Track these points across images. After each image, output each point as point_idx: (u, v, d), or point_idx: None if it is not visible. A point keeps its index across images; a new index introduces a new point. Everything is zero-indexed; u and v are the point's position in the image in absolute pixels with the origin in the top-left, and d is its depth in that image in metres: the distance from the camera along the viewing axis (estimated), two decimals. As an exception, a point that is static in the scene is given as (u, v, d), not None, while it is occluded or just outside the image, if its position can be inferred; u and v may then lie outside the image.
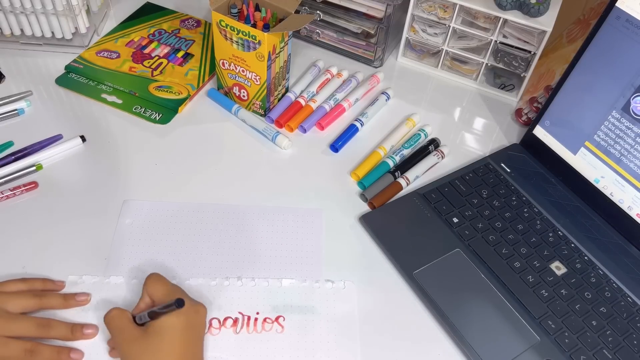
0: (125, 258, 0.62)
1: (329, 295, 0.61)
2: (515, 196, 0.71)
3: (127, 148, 0.73)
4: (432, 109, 0.83)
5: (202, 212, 0.67)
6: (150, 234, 0.64)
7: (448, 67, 0.87)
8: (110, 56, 0.83)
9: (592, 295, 0.62)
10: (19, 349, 0.51)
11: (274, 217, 0.67)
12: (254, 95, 0.76)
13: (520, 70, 0.81)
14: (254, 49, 0.71)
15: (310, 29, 0.88)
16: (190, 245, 0.64)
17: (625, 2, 0.62)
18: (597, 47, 0.66)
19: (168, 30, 0.88)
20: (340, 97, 0.81)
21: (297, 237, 0.65)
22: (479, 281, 0.62)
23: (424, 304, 0.61)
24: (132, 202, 0.67)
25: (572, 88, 0.69)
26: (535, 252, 0.65)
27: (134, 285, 0.60)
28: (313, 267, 0.63)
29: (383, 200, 0.69)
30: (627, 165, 0.66)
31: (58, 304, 0.56)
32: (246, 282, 0.61)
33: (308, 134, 0.78)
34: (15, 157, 0.70)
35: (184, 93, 0.79)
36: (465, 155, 0.77)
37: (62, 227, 0.64)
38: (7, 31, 0.82)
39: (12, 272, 0.60)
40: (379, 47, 0.85)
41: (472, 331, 0.58)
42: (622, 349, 0.58)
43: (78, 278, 0.60)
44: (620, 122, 0.65)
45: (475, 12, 0.78)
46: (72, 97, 0.79)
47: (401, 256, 0.63)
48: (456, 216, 0.68)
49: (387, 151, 0.75)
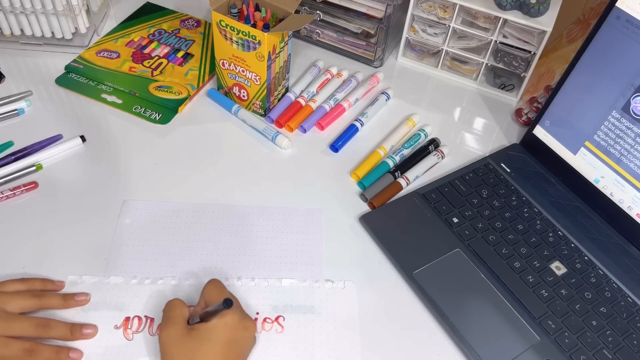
0: (125, 258, 0.62)
1: (328, 295, 0.61)
2: (515, 196, 0.71)
3: (127, 148, 0.73)
4: (432, 109, 0.83)
5: (202, 212, 0.67)
6: (150, 233, 0.64)
7: (448, 67, 0.87)
8: (110, 56, 0.83)
9: (592, 295, 0.62)
10: (18, 349, 0.51)
11: (274, 217, 0.67)
12: (254, 95, 0.76)
13: (520, 70, 0.81)
14: (254, 49, 0.71)
15: (310, 29, 0.88)
16: (190, 245, 0.64)
17: (625, 2, 0.62)
18: (597, 47, 0.66)
19: (168, 30, 0.88)
20: (340, 97, 0.81)
21: (297, 237, 0.65)
22: (479, 281, 0.62)
23: (424, 304, 0.61)
24: (132, 202, 0.67)
25: (572, 88, 0.69)
26: (535, 252, 0.65)
27: (133, 285, 0.60)
28: (313, 267, 0.63)
29: (383, 200, 0.69)
30: (627, 165, 0.66)
31: (57, 304, 0.56)
32: (246, 282, 0.61)
33: (308, 134, 0.78)
34: (15, 157, 0.70)
35: (184, 93, 0.79)
36: (465, 155, 0.77)
37: (62, 227, 0.64)
38: (7, 31, 0.82)
39: (12, 272, 0.60)
40: (379, 47, 0.85)
41: (472, 331, 0.58)
42: (622, 349, 0.58)
43: (78, 278, 0.60)
44: (620, 122, 0.65)
45: (475, 12, 0.78)
46: (72, 97, 0.79)
47: (401, 256, 0.63)
48: (456, 216, 0.68)
49: (387, 151, 0.75)
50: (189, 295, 0.59)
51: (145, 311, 0.58)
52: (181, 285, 0.60)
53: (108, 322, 0.57)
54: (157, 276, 0.60)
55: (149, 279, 0.60)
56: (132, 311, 0.58)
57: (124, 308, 0.58)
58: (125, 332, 0.56)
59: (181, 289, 0.60)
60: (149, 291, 0.59)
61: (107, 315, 0.57)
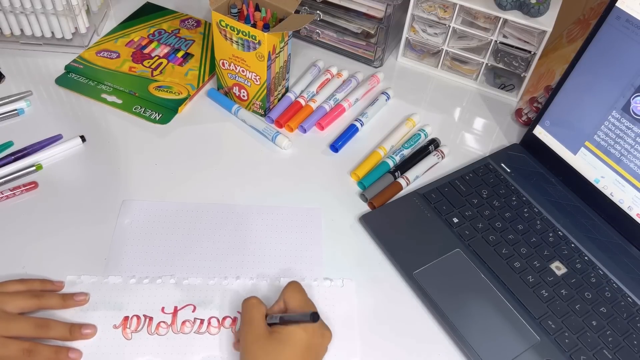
0: (124, 258, 0.62)
1: (327, 293, 0.61)
2: (515, 196, 0.71)
3: (127, 148, 0.73)
4: (432, 109, 0.83)
5: (202, 212, 0.67)
6: (149, 233, 0.64)
7: (448, 67, 0.87)
8: (110, 56, 0.83)
9: (592, 295, 0.62)
10: (17, 349, 0.51)
11: (274, 217, 0.67)
12: (254, 95, 0.76)
13: (520, 70, 0.81)
14: (254, 49, 0.71)
15: (310, 29, 0.88)
16: (189, 244, 0.64)
17: (625, 2, 0.62)
18: (597, 47, 0.66)
19: (168, 30, 0.88)
20: (340, 97, 0.81)
21: (296, 236, 0.65)
22: (479, 281, 0.62)
23: (424, 304, 0.61)
24: (132, 202, 0.67)
25: (572, 88, 0.69)
26: (535, 252, 0.65)
27: (132, 284, 0.60)
28: (312, 266, 0.63)
29: (383, 200, 0.69)
30: (627, 165, 0.66)
31: (57, 304, 0.56)
32: (245, 281, 0.61)
33: (308, 134, 0.78)
34: (15, 157, 0.70)
35: (184, 93, 0.79)
36: (465, 155, 0.77)
37: (61, 227, 0.64)
38: (7, 31, 0.82)
39: (12, 272, 0.60)
40: (379, 47, 0.85)
41: (472, 331, 0.58)
42: (622, 349, 0.58)
43: (77, 278, 0.60)
44: (620, 122, 0.65)
45: (475, 12, 0.78)
46: (72, 97, 0.79)
47: (401, 256, 0.63)
48: (456, 216, 0.68)
49: (387, 151, 0.75)
50: (188, 293, 0.59)
51: (143, 310, 0.58)
52: (179, 285, 0.60)
53: (107, 322, 0.57)
54: (155, 275, 0.60)
55: (147, 278, 0.60)
56: (131, 310, 0.58)
57: (122, 307, 0.58)
58: (124, 331, 0.56)
59: (180, 287, 0.60)
60: (147, 290, 0.59)
61: (106, 314, 0.57)
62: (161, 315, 0.58)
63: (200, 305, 0.59)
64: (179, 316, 0.58)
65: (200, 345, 0.56)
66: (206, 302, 0.59)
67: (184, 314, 0.58)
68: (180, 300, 0.59)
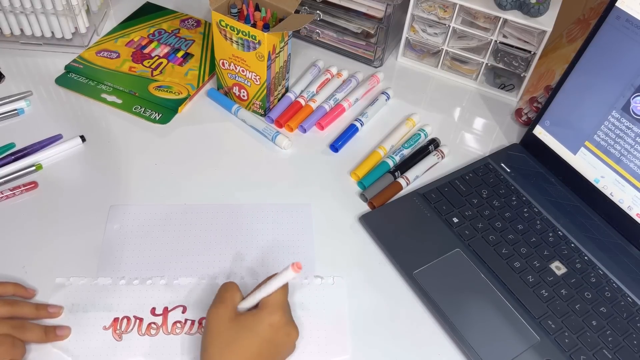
0: (124, 258, 0.62)
1: (318, 291, 0.60)
2: (515, 196, 0.71)
3: (127, 148, 0.73)
4: (432, 109, 0.83)
5: (202, 212, 0.67)
6: (149, 233, 0.64)
7: (448, 67, 0.87)
8: (110, 56, 0.83)
9: (592, 295, 0.62)
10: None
11: (273, 217, 0.67)
12: (253, 95, 0.76)
13: (520, 70, 0.81)
14: (253, 48, 0.71)
15: (310, 29, 0.88)
16: (188, 244, 0.64)
17: (625, 2, 0.62)
18: (597, 47, 0.66)
19: (168, 30, 0.88)
20: (340, 97, 0.81)
21: (285, 234, 0.65)
22: (479, 281, 0.62)
23: (423, 304, 0.61)
24: (131, 202, 0.67)
25: (572, 88, 0.69)
26: (535, 252, 0.65)
27: (122, 285, 0.59)
28: (304, 265, 0.62)
29: (383, 200, 0.69)
30: (627, 165, 0.66)
31: (29, 314, 0.56)
32: (235, 280, 0.60)
33: (308, 134, 0.78)
34: (15, 157, 0.70)
35: (184, 93, 0.79)
36: (465, 155, 0.77)
37: (61, 227, 0.64)
38: (7, 31, 0.82)
39: (12, 272, 0.60)
40: (379, 47, 0.85)
41: (472, 331, 0.58)
42: (622, 349, 0.58)
43: (66, 280, 0.59)
44: (620, 122, 0.65)
45: (475, 12, 0.78)
46: (72, 97, 0.79)
47: (401, 256, 0.63)
48: (456, 216, 0.68)
49: (387, 151, 0.75)
50: (179, 293, 0.59)
51: (134, 311, 0.58)
52: (170, 284, 0.60)
53: (96, 323, 0.56)
54: (146, 276, 0.60)
55: (137, 279, 0.60)
56: (121, 312, 0.57)
57: (112, 309, 0.58)
58: (114, 332, 0.56)
59: (170, 288, 0.60)
60: (137, 291, 0.59)
61: (96, 316, 0.57)
62: (151, 317, 0.57)
63: (190, 307, 0.58)
64: (169, 317, 0.58)
65: (190, 346, 0.56)
66: (197, 303, 0.59)
67: (175, 315, 0.58)
68: (170, 302, 0.59)
